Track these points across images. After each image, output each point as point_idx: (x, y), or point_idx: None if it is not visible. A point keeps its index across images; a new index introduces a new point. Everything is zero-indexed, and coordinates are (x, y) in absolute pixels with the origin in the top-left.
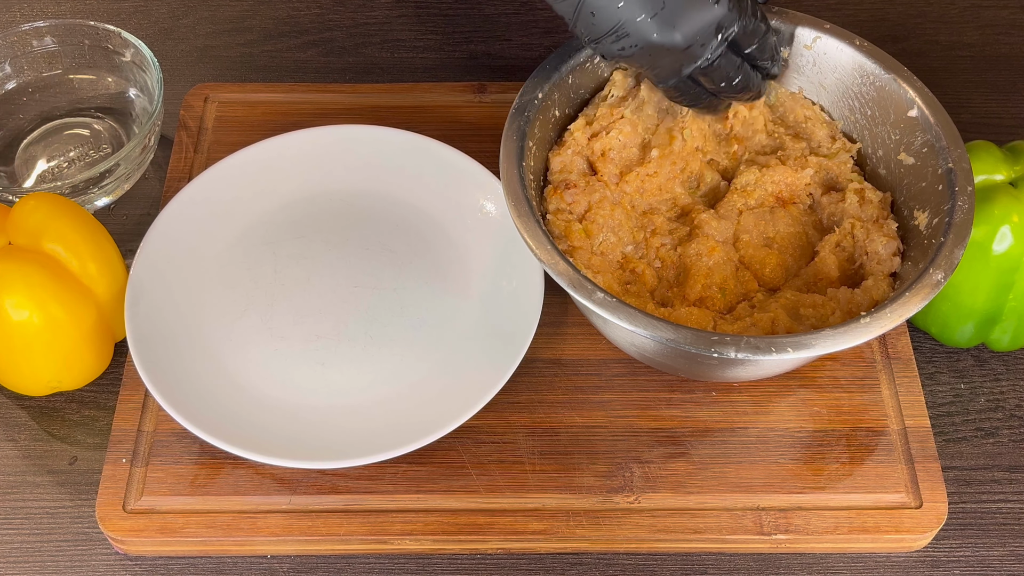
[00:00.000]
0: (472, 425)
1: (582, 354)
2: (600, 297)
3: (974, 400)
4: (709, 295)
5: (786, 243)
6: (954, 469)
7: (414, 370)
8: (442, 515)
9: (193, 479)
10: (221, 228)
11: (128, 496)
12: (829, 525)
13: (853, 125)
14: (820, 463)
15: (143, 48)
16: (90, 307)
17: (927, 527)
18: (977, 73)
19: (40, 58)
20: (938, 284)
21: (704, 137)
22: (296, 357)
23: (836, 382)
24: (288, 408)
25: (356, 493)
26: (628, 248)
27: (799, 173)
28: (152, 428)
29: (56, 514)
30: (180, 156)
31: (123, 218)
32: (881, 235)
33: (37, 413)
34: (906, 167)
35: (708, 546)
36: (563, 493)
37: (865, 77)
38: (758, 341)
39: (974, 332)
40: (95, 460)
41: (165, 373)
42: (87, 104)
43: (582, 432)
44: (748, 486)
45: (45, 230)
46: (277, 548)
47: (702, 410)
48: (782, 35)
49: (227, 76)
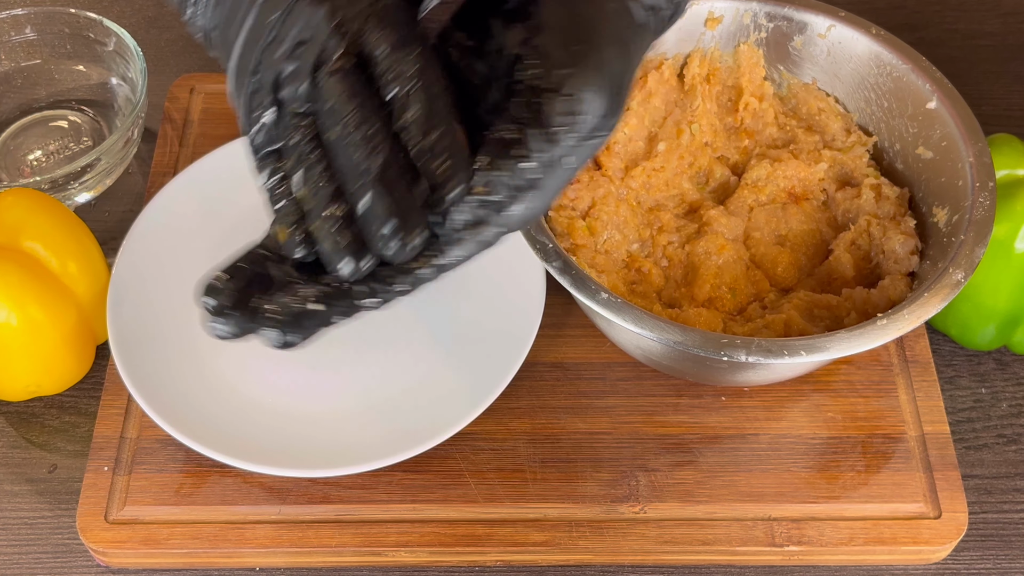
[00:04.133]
0: (470, 431)
1: (585, 357)
2: (604, 298)
3: (996, 405)
4: (719, 295)
5: (799, 241)
6: (975, 477)
7: (409, 374)
8: (439, 526)
9: (178, 488)
10: (208, 225)
11: (110, 506)
12: (844, 536)
13: (869, 117)
14: (834, 471)
15: (126, 37)
16: (70, 308)
17: (946, 538)
18: (998, 63)
19: (18, 48)
20: (958, 284)
21: (713, 131)
22: (286, 360)
23: (851, 386)
24: (278, 414)
25: (349, 503)
26: (634, 246)
27: (812, 168)
28: (135, 435)
29: (35, 524)
30: (165, 150)
31: (105, 215)
32: (898, 233)
33: (15, 419)
34: (924, 161)
35: (717, 558)
36: (565, 503)
37: (881, 67)
38: (770, 344)
39: (996, 334)
40: (76, 468)
41: (149, 377)
42: (67, 96)
43: (585, 439)
44: (759, 495)
45: (23, 227)
46: (266, 560)
47: (711, 416)
48: (795, 23)
49: (214, 66)
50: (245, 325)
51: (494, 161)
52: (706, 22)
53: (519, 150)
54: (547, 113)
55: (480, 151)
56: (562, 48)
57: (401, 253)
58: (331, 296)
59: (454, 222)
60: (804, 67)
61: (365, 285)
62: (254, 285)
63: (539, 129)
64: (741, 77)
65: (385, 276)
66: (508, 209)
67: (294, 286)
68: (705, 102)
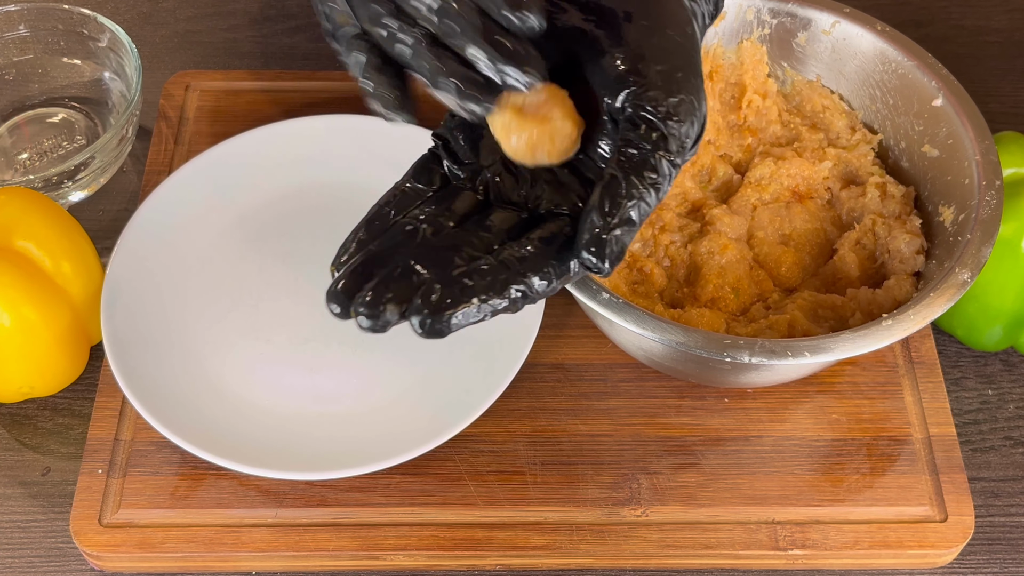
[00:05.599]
0: (470, 434)
1: (586, 358)
2: (605, 298)
3: (1003, 407)
4: (722, 296)
5: (803, 240)
6: (981, 480)
7: (408, 375)
8: (437, 529)
9: (173, 491)
10: (203, 224)
11: (104, 509)
12: (849, 540)
13: (874, 115)
14: (839, 474)
15: (120, 33)
16: (64, 308)
17: (953, 542)
18: (1006, 60)
19: (11, 44)
20: (964, 284)
21: (716, 129)
22: (283, 361)
23: (856, 388)
24: (274, 415)
25: (346, 506)
26: (635, 246)
27: (816, 166)
28: (130, 437)
29: (28, 528)
30: (159, 148)
31: (99, 214)
32: (904, 232)
33: (8, 421)
34: (930, 160)
35: (720, 562)
36: (566, 506)
37: (887, 64)
38: (773, 345)
39: (1002, 335)
40: (69, 471)
41: (143, 379)
42: (61, 93)
43: (586, 441)
44: (763, 498)
45: (16, 227)
46: (262, 564)
47: (714, 418)
48: (799, 19)
49: (210, 63)
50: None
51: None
52: None
53: (647, 172)
54: (671, 137)
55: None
56: (666, 75)
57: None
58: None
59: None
60: (808, 64)
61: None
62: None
63: (664, 152)
64: (744, 74)
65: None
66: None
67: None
68: (708, 100)
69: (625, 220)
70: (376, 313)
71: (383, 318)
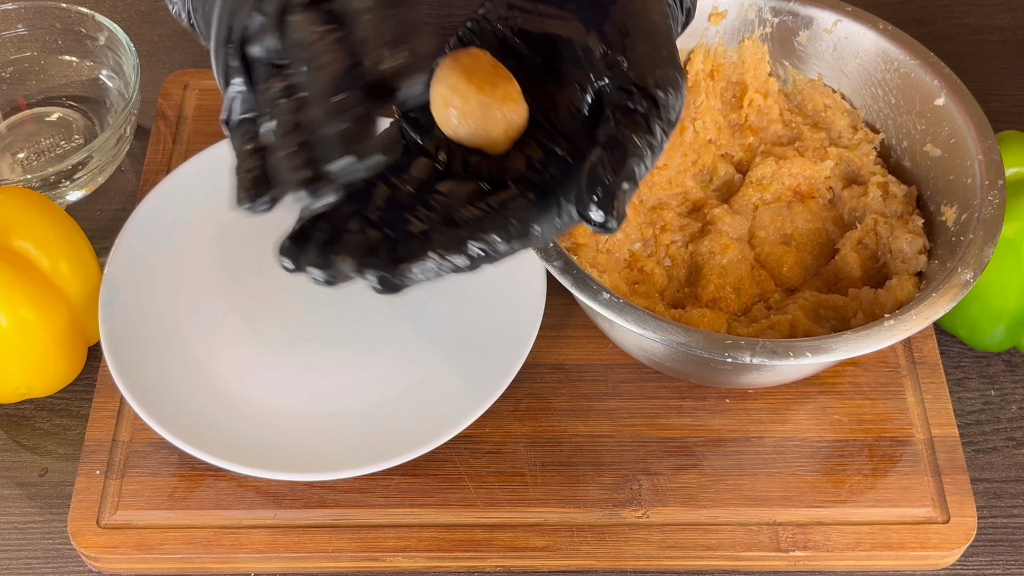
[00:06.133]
0: (469, 434)
1: (587, 359)
2: (606, 298)
3: (1005, 408)
4: (723, 296)
5: (805, 240)
6: (984, 481)
7: (407, 376)
8: (437, 530)
9: (172, 492)
10: (201, 224)
11: (102, 510)
12: (850, 541)
13: (876, 114)
14: (841, 475)
15: (118, 32)
16: (62, 309)
17: (955, 543)
18: (1008, 59)
19: (8, 43)
20: (967, 284)
21: (717, 128)
22: (282, 362)
23: (858, 388)
24: (273, 416)
25: (345, 507)
26: (636, 245)
27: (818, 165)
28: (128, 438)
29: (25, 529)
30: (158, 147)
31: (97, 213)
32: (906, 232)
33: (5, 422)
34: (933, 159)
35: (721, 563)
36: (566, 507)
37: (889, 63)
38: (775, 345)
39: (1005, 335)
40: (67, 472)
41: (141, 379)
42: (58, 92)
43: (587, 442)
44: (764, 499)
45: (14, 226)
46: (261, 566)
47: (715, 418)
48: (800, 18)
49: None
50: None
51: (621, 134)
52: (710, 17)
53: (642, 132)
54: (661, 106)
55: (601, 129)
56: (652, 50)
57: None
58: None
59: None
60: (810, 63)
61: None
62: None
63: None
64: (745, 73)
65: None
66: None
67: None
68: (709, 99)
69: (629, 176)
70: (328, 263)
71: (336, 268)
